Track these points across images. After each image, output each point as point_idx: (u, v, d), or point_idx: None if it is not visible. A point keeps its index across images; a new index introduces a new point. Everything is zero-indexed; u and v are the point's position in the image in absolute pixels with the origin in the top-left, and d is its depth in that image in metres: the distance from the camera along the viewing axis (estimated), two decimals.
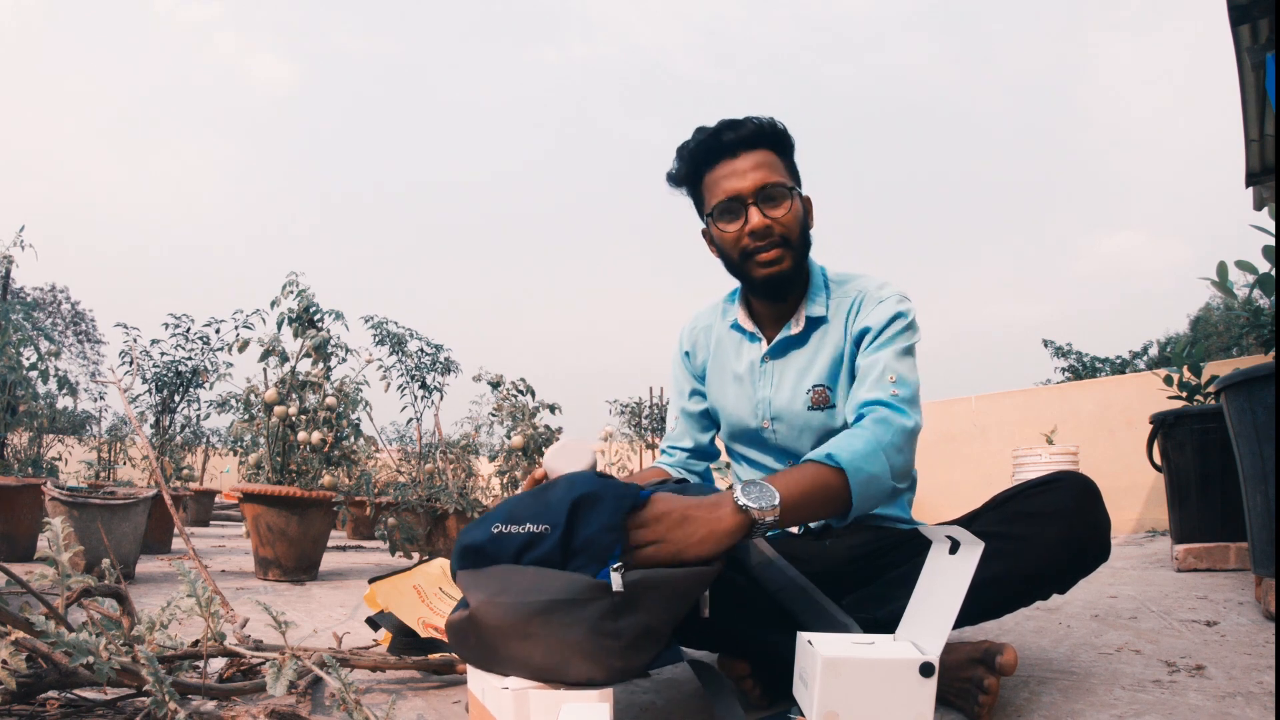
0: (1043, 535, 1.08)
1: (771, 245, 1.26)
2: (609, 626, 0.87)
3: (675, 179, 1.34)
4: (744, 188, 1.25)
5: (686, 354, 1.48)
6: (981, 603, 1.07)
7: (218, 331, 4.53)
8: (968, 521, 1.13)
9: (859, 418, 1.17)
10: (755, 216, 1.25)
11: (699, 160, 1.30)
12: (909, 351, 1.24)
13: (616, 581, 0.88)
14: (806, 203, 1.32)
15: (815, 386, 1.30)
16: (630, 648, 0.87)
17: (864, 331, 1.27)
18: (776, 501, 0.99)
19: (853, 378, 1.28)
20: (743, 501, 0.97)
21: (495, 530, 0.95)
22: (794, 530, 1.34)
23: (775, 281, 1.28)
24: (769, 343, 1.35)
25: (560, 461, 1.05)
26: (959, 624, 1.06)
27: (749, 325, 1.38)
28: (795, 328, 1.32)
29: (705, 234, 1.36)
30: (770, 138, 1.27)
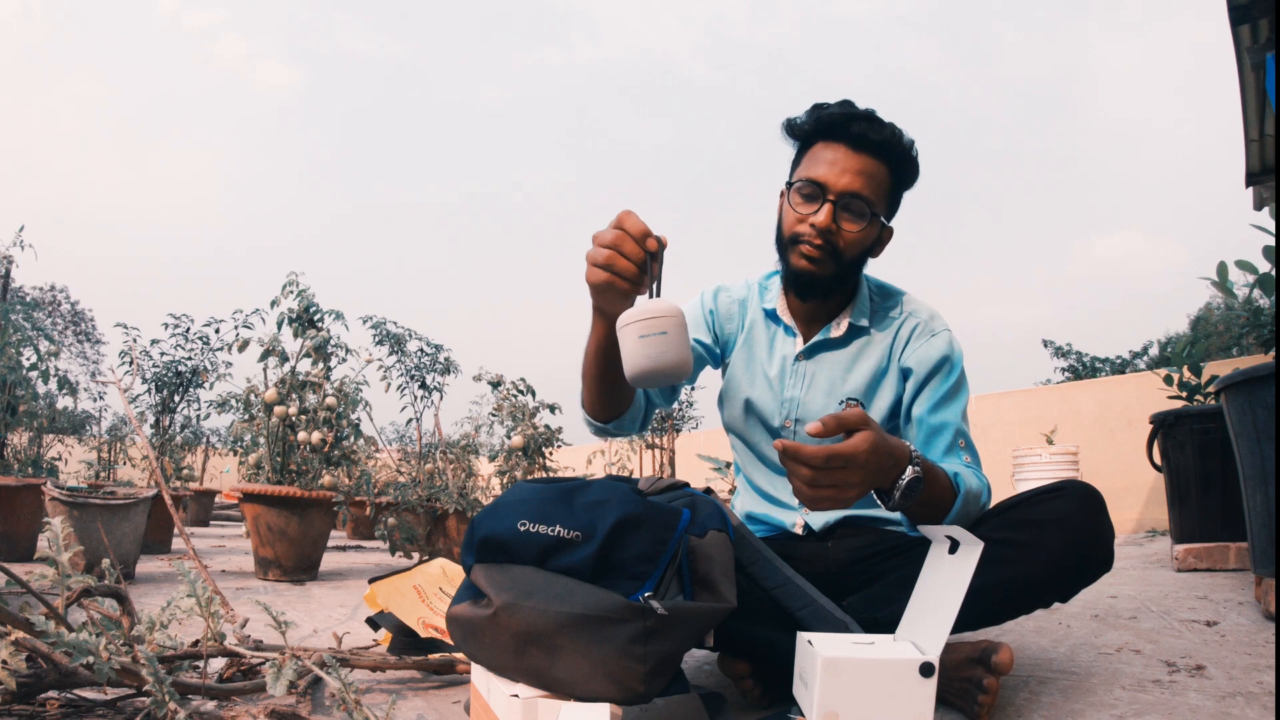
0: (1045, 542, 1.08)
1: (822, 249, 1.21)
2: (638, 651, 0.85)
3: (793, 131, 1.28)
4: (835, 183, 1.19)
5: (711, 312, 1.41)
6: (983, 608, 1.07)
7: (217, 331, 4.52)
8: (972, 528, 1.13)
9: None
10: (825, 215, 1.19)
11: (822, 129, 1.24)
12: (965, 412, 1.26)
13: (660, 606, 0.86)
14: (884, 233, 1.28)
15: (849, 399, 1.28)
16: (651, 674, 0.86)
17: (912, 370, 1.26)
18: (912, 501, 1.03)
19: (895, 402, 1.28)
20: (896, 499, 1.01)
21: (522, 527, 0.94)
22: (796, 531, 1.34)
23: (806, 278, 1.24)
24: (804, 340, 1.33)
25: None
26: (958, 629, 1.06)
27: (787, 317, 1.34)
28: (836, 331, 1.30)
29: (782, 194, 1.29)
30: (895, 155, 1.22)
